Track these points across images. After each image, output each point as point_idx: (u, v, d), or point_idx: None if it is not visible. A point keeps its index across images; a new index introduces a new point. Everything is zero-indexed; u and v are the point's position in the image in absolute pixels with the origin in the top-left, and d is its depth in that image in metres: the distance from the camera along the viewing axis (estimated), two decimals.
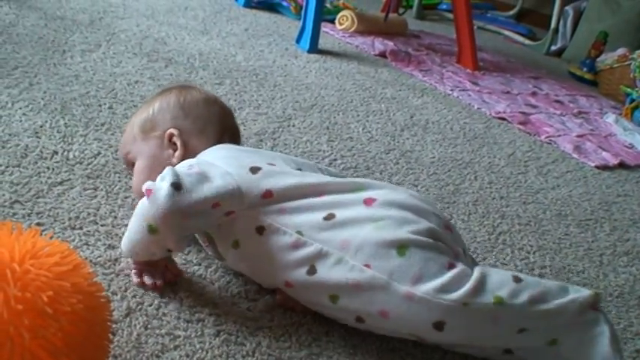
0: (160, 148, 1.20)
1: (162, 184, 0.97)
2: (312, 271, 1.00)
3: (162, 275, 1.06)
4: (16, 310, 0.68)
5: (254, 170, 1.05)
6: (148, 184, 0.99)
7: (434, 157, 1.91)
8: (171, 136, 1.19)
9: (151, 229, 0.98)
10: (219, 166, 1.04)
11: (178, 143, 1.18)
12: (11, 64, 1.76)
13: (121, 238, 1.10)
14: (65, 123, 1.50)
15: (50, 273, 0.73)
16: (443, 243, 1.01)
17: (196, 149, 1.16)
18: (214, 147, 1.16)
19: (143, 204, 0.99)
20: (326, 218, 1.01)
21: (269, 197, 1.03)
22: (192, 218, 1.00)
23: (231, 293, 1.10)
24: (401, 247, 0.97)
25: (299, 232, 1.01)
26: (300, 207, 1.03)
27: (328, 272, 0.99)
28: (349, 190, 1.07)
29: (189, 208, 0.98)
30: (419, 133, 2.08)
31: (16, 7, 2.26)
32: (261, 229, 1.03)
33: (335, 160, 1.71)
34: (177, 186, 0.97)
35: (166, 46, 2.26)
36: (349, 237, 0.99)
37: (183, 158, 1.15)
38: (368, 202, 1.04)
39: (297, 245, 1.01)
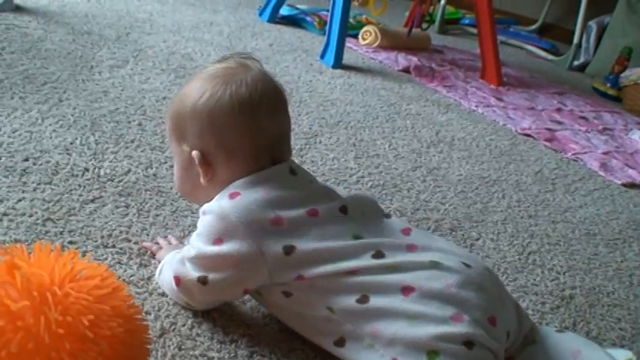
0: (190, 165, 1.05)
1: (189, 276, 0.99)
2: (340, 343, 0.97)
3: None
4: (57, 334, 0.68)
5: (288, 251, 0.96)
6: (175, 271, 1.02)
7: (461, 175, 1.90)
8: (197, 157, 1.03)
9: (188, 305, 1.05)
10: (247, 244, 0.96)
11: (202, 171, 1.03)
12: (40, 80, 1.77)
13: (153, 257, 1.12)
14: (95, 140, 1.51)
15: (90, 296, 0.73)
16: (479, 348, 0.92)
17: (225, 179, 1.02)
18: (250, 187, 1.00)
19: (174, 289, 1.03)
20: (359, 301, 0.94)
21: (300, 280, 0.96)
22: (223, 300, 1.07)
23: (262, 314, 1.09)
24: (431, 352, 0.90)
25: (329, 309, 0.96)
26: (332, 287, 0.96)
27: (358, 352, 0.95)
28: (385, 269, 0.96)
29: (220, 299, 1.06)
30: (445, 150, 2.07)
31: (44, 22, 2.28)
32: (288, 294, 0.99)
33: (362, 177, 1.70)
34: (204, 281, 0.98)
35: (193, 62, 2.27)
36: (381, 328, 0.93)
37: (212, 181, 1.04)
38: (405, 291, 0.94)
39: (329, 320, 0.97)
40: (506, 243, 1.57)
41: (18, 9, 2.36)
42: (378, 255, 0.98)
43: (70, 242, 1.13)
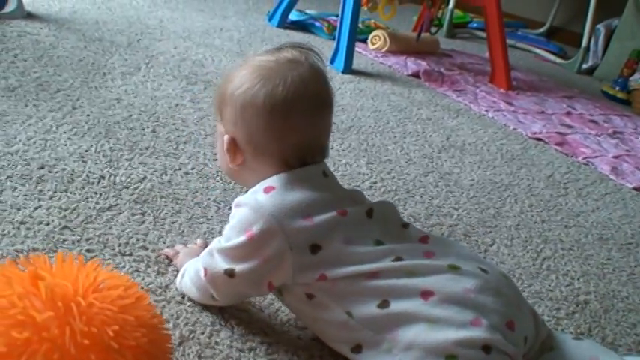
0: (223, 147, 1.06)
1: (217, 268, 1.00)
2: (357, 350, 0.97)
3: None
4: (82, 345, 0.69)
5: (314, 249, 0.97)
6: (204, 263, 1.03)
7: (473, 180, 1.90)
8: (227, 142, 1.05)
9: (213, 298, 1.05)
10: (277, 238, 0.96)
11: (230, 157, 1.05)
12: (54, 87, 1.78)
13: (170, 265, 1.12)
14: (110, 147, 1.51)
15: (114, 306, 0.73)
16: (497, 352, 0.91)
17: (255, 168, 1.04)
18: (285, 186, 1.00)
19: (202, 280, 1.03)
20: (380, 306, 0.94)
21: (322, 280, 0.97)
22: (247, 295, 1.09)
23: (280, 321, 1.10)
24: (449, 356, 0.90)
25: (349, 314, 0.96)
26: (354, 290, 0.96)
27: (375, 358, 0.95)
28: (405, 273, 0.97)
29: (244, 293, 1.06)
30: (456, 155, 2.07)
31: (55, 29, 2.29)
32: (310, 296, 0.99)
33: (375, 183, 1.71)
34: (231, 274, 0.99)
35: (204, 68, 2.28)
36: (400, 332, 0.93)
37: (242, 167, 1.06)
38: (425, 295, 0.94)
39: (346, 326, 0.97)
40: (520, 248, 1.57)
41: (29, 16, 2.37)
42: (398, 259, 0.98)
43: (88, 250, 1.14)
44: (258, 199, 0.98)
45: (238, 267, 0.98)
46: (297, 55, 1.04)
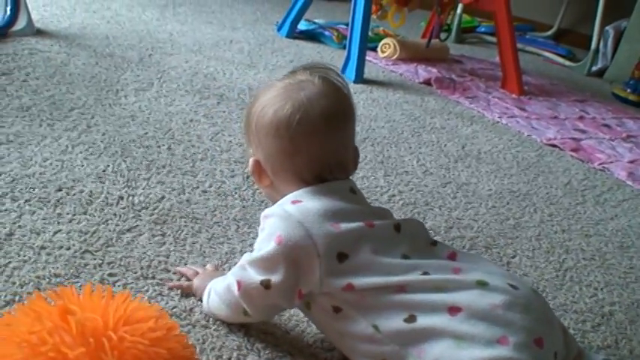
0: (251, 167, 1.10)
1: (252, 280, 0.98)
2: None
3: None
4: None
5: (341, 257, 0.96)
6: (237, 276, 1.01)
7: (490, 190, 1.89)
8: (251, 165, 1.09)
9: (245, 314, 1.03)
10: (307, 243, 0.96)
11: (256, 179, 1.10)
12: (67, 106, 1.77)
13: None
14: (127, 166, 1.50)
15: (146, 340, 0.72)
16: None
17: (281, 188, 1.06)
18: (312, 196, 1.01)
19: (235, 296, 1.01)
20: (406, 320, 0.93)
21: (349, 290, 0.96)
22: (281, 307, 1.06)
23: (307, 343, 1.08)
24: None
25: (375, 327, 0.94)
26: (380, 303, 0.95)
27: None
28: (432, 288, 0.96)
29: (279, 305, 1.03)
30: (473, 164, 2.06)
31: (66, 46, 2.29)
32: (337, 309, 0.98)
33: (393, 196, 1.69)
34: (267, 285, 0.97)
35: (216, 81, 2.27)
36: (427, 348, 0.91)
37: (271, 187, 1.09)
38: (453, 311, 0.92)
39: (371, 340, 0.96)
40: (542, 260, 1.55)
41: (39, 32, 2.37)
42: (425, 274, 0.97)
43: (110, 275, 1.13)
44: (286, 208, 0.99)
45: (274, 277, 0.97)
46: (308, 75, 1.07)
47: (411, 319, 0.93)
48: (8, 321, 0.72)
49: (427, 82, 2.94)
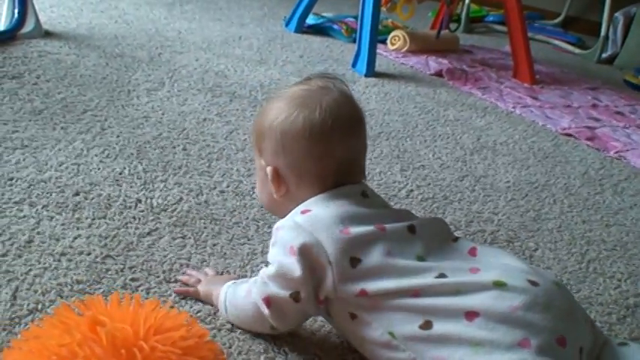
0: (266, 178, 1.08)
1: (280, 294, 0.97)
2: None
3: None
4: None
5: (353, 262, 0.95)
6: (263, 293, 0.99)
7: (509, 182, 1.87)
8: (271, 173, 1.07)
9: (273, 329, 1.02)
10: (316, 255, 0.96)
11: (274, 187, 1.07)
12: (80, 108, 1.76)
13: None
14: (143, 168, 1.49)
15: (178, 349, 0.70)
16: None
17: (298, 196, 1.05)
18: (322, 203, 1.02)
19: (264, 313, 0.99)
20: (422, 327, 0.91)
21: (363, 295, 0.95)
22: (309, 315, 1.06)
23: (333, 344, 1.07)
24: None
25: (391, 334, 0.93)
26: (394, 307, 0.94)
27: None
28: (448, 291, 0.93)
29: (308, 314, 1.04)
30: (489, 156, 2.04)
31: (75, 47, 2.27)
32: (353, 316, 0.98)
33: (412, 191, 1.67)
34: (296, 298, 0.96)
35: (227, 79, 2.25)
36: (444, 355, 0.89)
37: (286, 197, 1.07)
38: (470, 316, 0.90)
39: (388, 346, 0.94)
40: (564, 252, 1.53)
41: (48, 34, 2.36)
42: (441, 276, 0.95)
43: (132, 279, 1.11)
44: (296, 219, 0.99)
45: (300, 288, 0.96)
46: (324, 83, 1.08)
47: (427, 325, 0.91)
48: (37, 333, 0.71)
49: (438, 74, 2.92)
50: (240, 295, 1.03)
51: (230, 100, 2.06)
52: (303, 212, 1.00)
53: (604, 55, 4.16)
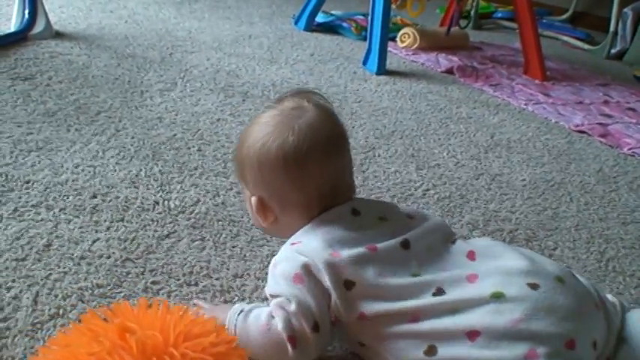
0: (252, 208, 1.07)
1: (302, 331, 0.92)
2: None
3: None
4: None
5: (348, 285, 0.93)
6: (287, 332, 0.91)
7: (524, 180, 1.85)
8: (255, 204, 1.05)
9: None
10: (319, 274, 0.94)
11: (261, 217, 1.06)
12: (93, 109, 1.75)
13: (235, 291, 1.11)
14: (160, 170, 1.48)
15: (209, 356, 0.69)
16: None
17: (287, 222, 1.04)
18: (310, 233, 0.99)
19: (288, 351, 0.92)
20: (427, 353, 0.89)
21: (364, 319, 0.93)
22: (328, 343, 1.00)
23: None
24: None
25: None
26: (396, 334, 0.92)
27: None
28: (446, 311, 0.91)
29: (329, 341, 0.98)
30: (503, 154, 2.02)
31: (86, 48, 2.26)
32: (362, 344, 0.97)
33: (428, 190, 1.66)
34: (316, 328, 0.92)
35: (239, 79, 2.25)
36: None
37: (276, 224, 1.06)
38: (472, 335, 0.88)
39: None
40: (583, 250, 1.52)
41: (58, 35, 2.35)
42: (439, 292, 0.93)
43: (153, 283, 1.10)
44: (289, 252, 0.98)
45: (316, 316, 0.92)
46: (299, 101, 1.04)
47: (432, 351, 0.89)
48: (65, 342, 0.70)
49: (449, 71, 2.90)
50: (255, 326, 0.95)
51: (243, 99, 2.05)
52: (293, 244, 0.99)
53: (613, 51, 4.14)
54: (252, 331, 0.95)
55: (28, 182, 1.35)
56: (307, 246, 0.96)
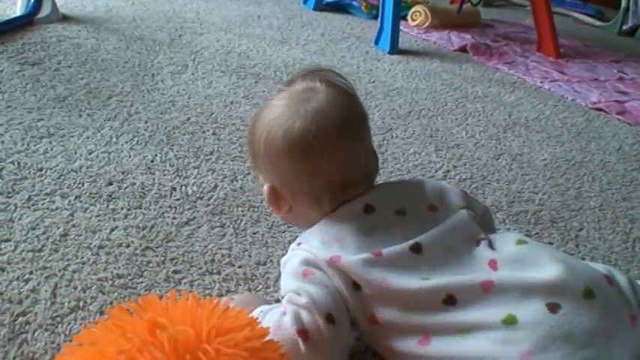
0: (264, 194, 1.02)
1: (314, 321, 0.84)
2: None
3: None
4: None
5: (356, 286, 0.87)
6: (298, 325, 0.84)
7: (545, 159, 1.81)
8: (267, 192, 1.00)
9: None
10: (326, 275, 0.88)
11: (274, 207, 1.01)
12: (104, 94, 1.72)
13: (258, 279, 1.08)
14: (175, 155, 1.45)
15: (244, 351, 0.66)
16: None
17: (301, 212, 0.99)
18: (316, 233, 0.94)
19: (299, 347, 0.83)
20: None
21: (375, 324, 0.87)
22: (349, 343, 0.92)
23: None
24: None
25: None
26: (405, 354, 0.86)
27: None
28: (455, 330, 0.83)
29: (345, 344, 0.90)
30: (522, 133, 1.98)
31: (93, 31, 2.23)
32: (375, 354, 0.93)
33: (448, 171, 1.62)
34: (330, 319, 0.85)
35: (250, 60, 2.20)
36: None
37: (291, 212, 1.00)
38: None
39: None
40: (609, 231, 1.48)
41: (65, 18, 2.31)
42: (449, 300, 0.85)
43: (175, 272, 1.07)
44: (295, 250, 0.93)
45: (330, 309, 0.86)
46: (310, 82, 0.97)
47: None
48: (92, 339, 0.67)
49: (462, 50, 2.86)
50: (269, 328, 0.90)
51: (255, 81, 2.01)
52: (299, 244, 0.93)
53: (625, 27, 4.09)
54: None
55: (41, 170, 1.31)
56: (313, 246, 0.91)
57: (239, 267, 1.11)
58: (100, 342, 0.66)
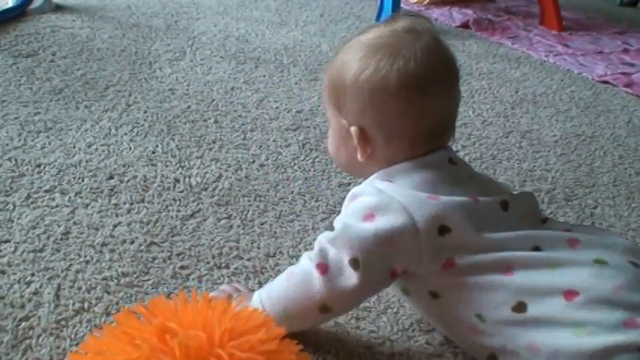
0: (347, 137, 0.94)
1: (337, 260, 0.84)
2: (492, 358, 0.86)
3: None
4: None
5: (442, 231, 0.85)
6: (317, 259, 0.84)
7: (555, 135, 1.77)
8: (356, 134, 0.93)
9: (324, 309, 0.86)
10: (402, 218, 0.84)
11: (360, 149, 0.93)
12: (102, 84, 1.68)
13: (269, 272, 1.04)
14: (177, 145, 1.41)
15: (259, 354, 0.62)
16: None
17: (383, 157, 0.93)
18: (405, 173, 0.90)
19: (314, 281, 0.84)
20: (515, 310, 0.82)
21: (450, 267, 0.85)
22: (374, 290, 0.93)
23: (403, 326, 0.98)
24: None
25: (479, 316, 0.85)
26: (484, 285, 0.84)
27: None
28: (544, 265, 0.84)
29: (368, 290, 0.90)
30: (531, 109, 1.94)
31: (88, 20, 2.18)
32: (435, 295, 0.89)
33: (457, 151, 1.57)
34: (356, 263, 0.83)
35: (249, 44, 2.16)
36: (540, 340, 0.80)
37: (370, 158, 0.93)
38: (568, 295, 0.80)
39: (475, 331, 0.86)
40: (624, 207, 1.44)
41: (58, 8, 2.26)
42: (536, 249, 0.86)
43: (182, 267, 1.03)
44: (377, 185, 0.89)
45: (362, 255, 0.83)
46: (412, 25, 0.92)
47: (521, 307, 0.82)
48: (98, 347, 0.63)
49: (464, 25, 2.82)
50: (277, 285, 0.90)
51: (255, 66, 1.96)
52: (383, 180, 0.90)
53: None
54: (273, 290, 0.89)
55: (39, 166, 1.27)
56: (402, 184, 0.88)
57: (248, 260, 1.07)
58: (107, 350, 0.62)
